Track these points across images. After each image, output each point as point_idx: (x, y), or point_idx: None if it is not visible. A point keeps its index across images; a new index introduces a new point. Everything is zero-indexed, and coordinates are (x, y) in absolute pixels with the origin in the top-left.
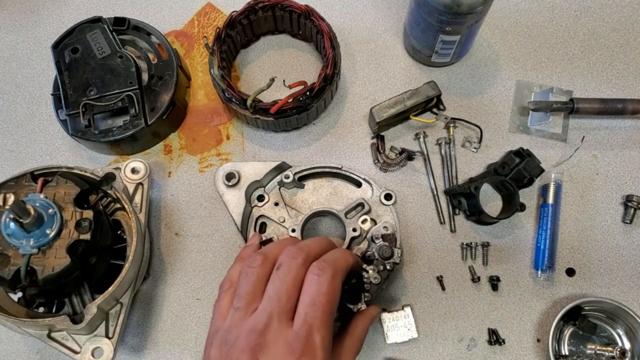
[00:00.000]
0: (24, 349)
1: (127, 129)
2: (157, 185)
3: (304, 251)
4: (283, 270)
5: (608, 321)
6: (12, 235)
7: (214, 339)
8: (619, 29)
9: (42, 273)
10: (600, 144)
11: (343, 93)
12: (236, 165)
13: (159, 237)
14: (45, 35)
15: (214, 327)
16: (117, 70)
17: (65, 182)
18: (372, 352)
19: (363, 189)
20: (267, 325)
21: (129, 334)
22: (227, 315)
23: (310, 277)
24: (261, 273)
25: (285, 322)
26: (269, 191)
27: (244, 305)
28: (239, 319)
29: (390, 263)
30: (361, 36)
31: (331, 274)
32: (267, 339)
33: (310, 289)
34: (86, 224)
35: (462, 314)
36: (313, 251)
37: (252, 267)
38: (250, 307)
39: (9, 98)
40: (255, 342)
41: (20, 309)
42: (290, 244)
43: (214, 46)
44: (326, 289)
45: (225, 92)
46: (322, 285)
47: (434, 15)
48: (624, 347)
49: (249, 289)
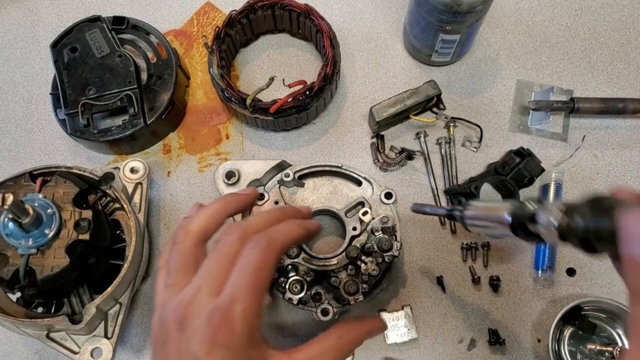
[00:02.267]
0: (22, 349)
1: (126, 128)
2: (156, 185)
3: (242, 227)
4: (218, 245)
5: (608, 321)
6: (11, 235)
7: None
8: (619, 28)
9: (41, 273)
10: (601, 143)
11: (343, 92)
12: (236, 163)
13: (158, 237)
14: (44, 35)
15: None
16: (116, 70)
17: (64, 182)
18: (372, 352)
19: (363, 188)
20: (194, 297)
21: (128, 334)
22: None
23: (244, 250)
24: (185, 247)
25: (213, 295)
26: (269, 190)
27: (174, 281)
28: (170, 294)
29: (389, 256)
30: (361, 35)
31: (264, 246)
32: (192, 310)
33: (241, 261)
34: (85, 224)
35: (462, 314)
36: (253, 226)
37: (176, 242)
38: (180, 283)
39: (8, 97)
40: (182, 313)
41: (19, 309)
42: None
43: (213, 45)
44: (255, 260)
45: (225, 91)
46: (252, 257)
47: (434, 14)
48: (624, 347)
49: (176, 265)
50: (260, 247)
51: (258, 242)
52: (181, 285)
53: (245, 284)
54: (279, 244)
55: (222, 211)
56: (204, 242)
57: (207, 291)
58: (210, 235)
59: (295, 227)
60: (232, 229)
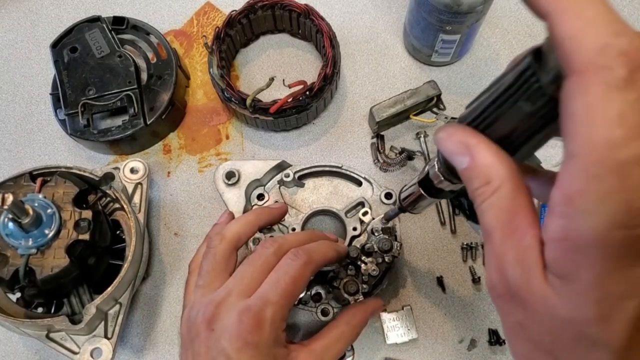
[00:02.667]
0: (22, 350)
1: (126, 128)
2: (156, 185)
3: (278, 242)
4: (253, 256)
5: None
6: (11, 236)
7: (183, 316)
8: None
9: (40, 273)
10: None
11: (343, 92)
12: (236, 164)
13: (158, 237)
14: (44, 35)
15: (184, 306)
16: (116, 70)
17: (64, 182)
18: (372, 352)
19: (363, 188)
20: (224, 299)
21: (128, 334)
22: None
23: (283, 260)
24: (220, 252)
25: (244, 297)
26: (269, 190)
27: (205, 283)
28: (200, 296)
29: (390, 256)
30: (361, 35)
31: (304, 261)
32: (222, 310)
33: (278, 269)
34: (85, 224)
35: (462, 314)
36: (287, 243)
37: (210, 246)
38: (212, 285)
39: (8, 97)
40: (211, 313)
41: (19, 310)
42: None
43: (213, 45)
44: (294, 271)
45: (225, 91)
46: (291, 267)
47: (434, 14)
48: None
49: (209, 267)
50: (300, 260)
51: (298, 255)
52: (213, 288)
53: (280, 291)
54: (316, 261)
55: (254, 221)
56: (236, 248)
57: (238, 294)
58: (242, 243)
59: (330, 249)
60: (268, 243)
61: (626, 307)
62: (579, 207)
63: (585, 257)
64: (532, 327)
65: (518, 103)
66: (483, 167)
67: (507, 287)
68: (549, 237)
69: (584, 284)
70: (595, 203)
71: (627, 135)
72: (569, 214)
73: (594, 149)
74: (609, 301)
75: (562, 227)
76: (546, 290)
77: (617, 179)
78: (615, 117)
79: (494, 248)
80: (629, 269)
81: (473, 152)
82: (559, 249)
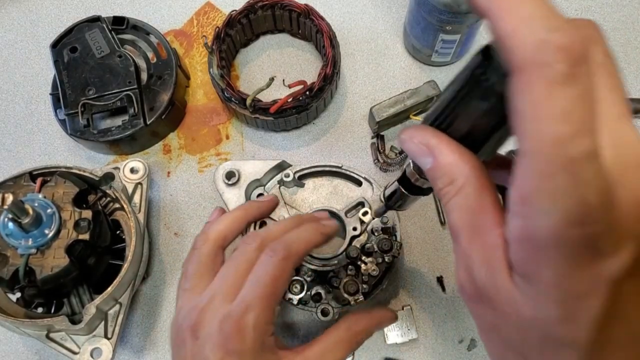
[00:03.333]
0: (22, 350)
1: (126, 128)
2: (156, 185)
3: (260, 236)
4: (235, 254)
5: None
6: (11, 235)
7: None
8: (619, 29)
9: (40, 273)
10: None
11: (343, 92)
12: (236, 164)
13: (158, 237)
14: (44, 35)
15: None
16: (116, 70)
17: (64, 182)
18: (372, 352)
19: (363, 188)
20: (208, 304)
21: (128, 334)
22: None
23: (261, 258)
24: (203, 253)
25: (227, 301)
26: (269, 190)
27: (191, 286)
28: (186, 300)
29: (390, 256)
30: (361, 35)
31: (282, 256)
32: (205, 317)
33: (257, 269)
34: (85, 224)
35: (462, 314)
36: (271, 235)
37: (194, 247)
38: (196, 288)
39: (8, 97)
40: (195, 320)
41: (19, 309)
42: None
43: (213, 45)
44: (272, 269)
45: (225, 91)
46: (269, 266)
47: (434, 14)
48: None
49: (194, 270)
50: (276, 257)
51: (275, 251)
52: (198, 290)
53: (260, 293)
54: (296, 252)
55: (241, 218)
56: (222, 248)
57: (222, 298)
58: (228, 241)
59: (312, 233)
60: (251, 238)
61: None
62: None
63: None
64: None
65: (472, 102)
66: (446, 166)
67: (475, 288)
68: (511, 237)
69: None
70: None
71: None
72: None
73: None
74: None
75: (521, 227)
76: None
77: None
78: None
79: (461, 248)
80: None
81: (435, 152)
82: (520, 249)
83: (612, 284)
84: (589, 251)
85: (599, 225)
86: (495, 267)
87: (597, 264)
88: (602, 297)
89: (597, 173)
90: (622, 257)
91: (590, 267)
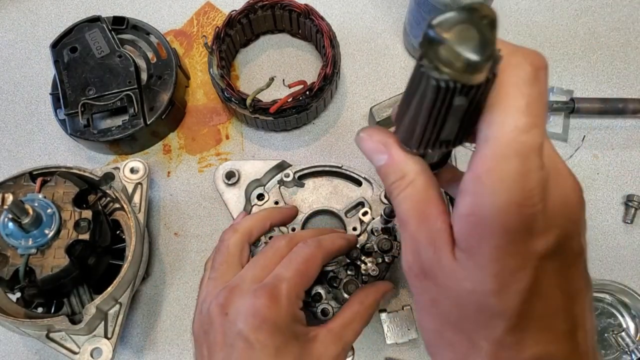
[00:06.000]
0: (22, 350)
1: (126, 128)
2: (156, 185)
3: (289, 235)
4: (266, 248)
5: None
6: (11, 235)
7: (195, 313)
8: (619, 28)
9: (40, 273)
10: (601, 143)
11: (343, 92)
12: (236, 164)
13: (158, 237)
14: (44, 35)
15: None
16: (116, 70)
17: (64, 182)
18: (372, 352)
19: (363, 188)
20: (237, 285)
21: (128, 334)
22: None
23: (294, 248)
24: (232, 244)
25: (257, 282)
26: (269, 190)
27: (218, 275)
28: (212, 287)
29: (390, 256)
30: (361, 35)
31: (315, 245)
32: (235, 295)
33: (291, 254)
34: (85, 224)
35: None
36: (299, 235)
37: (223, 240)
38: (224, 277)
39: (8, 97)
40: (224, 298)
41: (19, 309)
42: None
43: (213, 45)
44: (305, 253)
45: (225, 91)
46: (303, 250)
47: (434, 14)
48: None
49: (222, 259)
50: (311, 246)
51: (308, 243)
52: (225, 280)
53: (294, 268)
54: (326, 247)
55: (265, 218)
56: (248, 242)
57: (252, 279)
58: (254, 238)
59: (339, 239)
60: (281, 237)
61: (519, 278)
62: (486, 185)
63: (487, 231)
64: (443, 302)
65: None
66: (400, 163)
67: (421, 266)
68: (458, 214)
69: (484, 257)
70: (498, 181)
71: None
72: (476, 192)
73: (505, 133)
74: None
75: (470, 203)
76: (454, 265)
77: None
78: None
79: (408, 234)
80: (522, 243)
81: (391, 150)
82: (465, 224)
83: (539, 261)
84: (524, 229)
85: (536, 208)
86: (440, 247)
87: (529, 241)
88: (530, 273)
89: (540, 165)
90: (549, 238)
91: (524, 244)
